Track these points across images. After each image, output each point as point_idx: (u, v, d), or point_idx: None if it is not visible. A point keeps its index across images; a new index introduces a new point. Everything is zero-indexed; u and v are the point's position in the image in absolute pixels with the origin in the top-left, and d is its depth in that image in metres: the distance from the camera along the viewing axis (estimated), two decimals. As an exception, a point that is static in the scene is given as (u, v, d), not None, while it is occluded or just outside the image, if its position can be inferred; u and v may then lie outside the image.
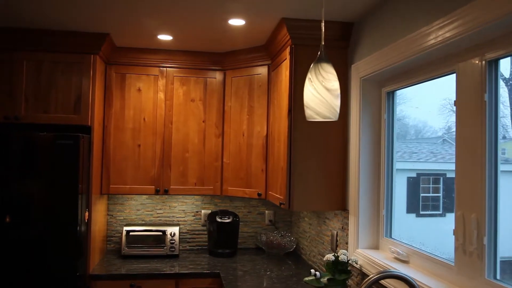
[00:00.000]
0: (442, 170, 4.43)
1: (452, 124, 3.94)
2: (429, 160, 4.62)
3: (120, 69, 3.50)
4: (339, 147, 2.78)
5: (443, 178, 4.39)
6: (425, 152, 4.52)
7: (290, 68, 2.74)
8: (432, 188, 4.57)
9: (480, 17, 1.56)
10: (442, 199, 4.34)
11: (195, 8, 2.55)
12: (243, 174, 3.46)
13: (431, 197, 4.49)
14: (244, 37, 3.09)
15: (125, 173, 3.48)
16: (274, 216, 4.00)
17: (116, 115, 3.48)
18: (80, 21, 2.86)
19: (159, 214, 3.86)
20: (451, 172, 4.33)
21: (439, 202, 4.41)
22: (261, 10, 2.55)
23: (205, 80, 3.62)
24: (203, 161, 3.59)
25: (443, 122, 3.76)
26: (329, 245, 3.01)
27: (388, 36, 2.28)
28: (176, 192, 3.55)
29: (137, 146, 3.50)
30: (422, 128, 3.91)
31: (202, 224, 3.91)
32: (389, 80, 2.46)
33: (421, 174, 4.58)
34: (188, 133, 3.58)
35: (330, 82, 1.61)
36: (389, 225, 2.53)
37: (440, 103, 2.72)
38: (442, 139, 4.49)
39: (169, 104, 3.54)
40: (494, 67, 1.70)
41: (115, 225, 3.79)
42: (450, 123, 3.86)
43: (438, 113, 2.90)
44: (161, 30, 3.01)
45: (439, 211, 4.39)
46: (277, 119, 3.07)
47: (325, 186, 2.75)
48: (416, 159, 4.57)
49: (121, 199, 3.80)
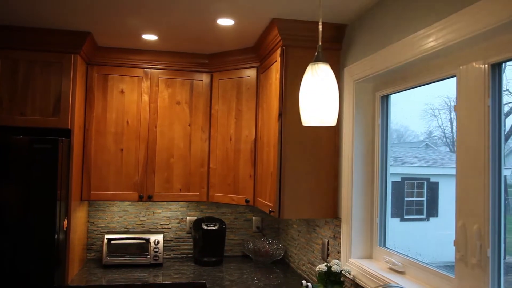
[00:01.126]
0: (426, 175, 4.42)
1: (434, 128, 3.89)
2: (413, 165, 4.61)
3: (102, 70, 3.35)
4: (330, 153, 2.69)
5: (426, 183, 4.38)
6: (409, 157, 4.50)
7: (281, 70, 2.64)
8: (416, 193, 4.56)
9: (483, 20, 1.49)
10: (425, 203, 4.33)
11: (182, 7, 2.43)
12: (231, 180, 3.34)
13: (415, 202, 4.48)
14: (233, 38, 2.98)
15: (107, 179, 3.32)
16: (261, 222, 3.89)
17: (97, 118, 3.33)
18: (60, 18, 2.71)
19: (142, 221, 3.71)
20: (435, 176, 4.28)
21: (423, 207, 4.40)
22: (251, 10, 2.44)
23: (191, 82, 3.49)
24: (189, 166, 3.46)
25: (424, 127, 3.73)
26: (319, 253, 2.91)
27: (383, 38, 2.20)
28: (160, 198, 3.41)
29: (120, 150, 3.35)
30: (404, 132, 3.89)
31: (187, 231, 3.77)
32: (384, 84, 2.37)
33: (405, 178, 4.57)
34: (173, 137, 3.45)
35: (328, 84, 1.51)
36: (382, 234, 2.44)
37: (422, 108, 2.67)
38: (424, 143, 4.47)
39: (153, 107, 3.41)
40: (497, 70, 1.63)
41: (95, 232, 3.62)
42: (431, 128, 3.85)
43: (419, 118, 2.85)
44: (146, 29, 2.88)
45: (423, 215, 4.38)
46: (266, 123, 2.97)
47: (316, 193, 2.66)
48: (400, 163, 4.55)
49: (102, 206, 3.64)
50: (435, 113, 3.49)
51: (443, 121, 3.72)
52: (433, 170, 4.37)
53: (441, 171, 4.32)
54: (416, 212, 4.47)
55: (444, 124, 3.82)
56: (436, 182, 4.26)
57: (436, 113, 3.48)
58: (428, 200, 4.32)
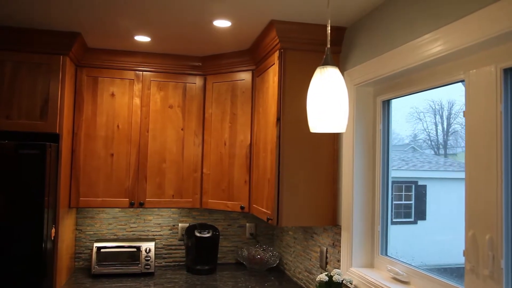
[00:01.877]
0: (414, 178, 4.42)
1: (419, 132, 3.88)
2: (401, 168, 4.61)
3: (92, 72, 3.23)
4: (329, 158, 2.62)
5: (414, 186, 4.38)
6: (397, 160, 4.51)
7: (279, 73, 2.56)
8: (404, 196, 4.55)
9: (495, 25, 1.45)
10: (414, 206, 4.33)
11: (178, 8, 2.34)
12: (225, 186, 3.25)
13: (404, 205, 4.47)
14: (229, 40, 2.90)
15: (97, 185, 3.20)
16: (255, 229, 3.80)
17: (87, 121, 3.21)
18: (48, 18, 2.59)
19: (133, 228, 3.59)
20: (423, 179, 4.27)
21: (411, 210, 4.40)
22: (250, 11, 2.36)
23: (185, 85, 3.40)
24: (182, 172, 3.36)
25: (410, 130, 3.72)
26: (317, 261, 2.84)
27: (386, 42, 2.14)
28: (152, 205, 3.30)
29: (110, 155, 3.23)
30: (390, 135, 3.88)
31: (179, 238, 3.67)
32: (386, 89, 2.31)
33: (393, 181, 4.59)
34: (166, 142, 3.34)
35: (338, 89, 1.44)
36: (384, 242, 2.38)
37: (407, 111, 2.64)
38: (410, 146, 4.46)
39: (145, 110, 3.30)
40: (510, 75, 1.57)
41: (84, 240, 3.49)
42: (416, 131, 3.83)
43: (405, 121, 2.82)
44: (138, 30, 2.78)
45: (411, 219, 4.38)
46: (262, 128, 2.89)
47: (316, 200, 2.58)
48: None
49: (91, 213, 3.51)
50: (420, 117, 3.46)
51: (428, 124, 3.70)
52: (421, 173, 4.37)
53: (428, 174, 4.31)
54: (404, 215, 4.47)
55: (429, 127, 3.79)
56: (424, 185, 4.25)
57: (421, 116, 3.45)
58: (416, 203, 4.32)
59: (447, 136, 3.87)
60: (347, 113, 1.45)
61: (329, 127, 1.44)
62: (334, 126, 1.44)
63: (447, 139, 3.90)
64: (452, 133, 3.78)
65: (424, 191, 4.31)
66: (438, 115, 3.70)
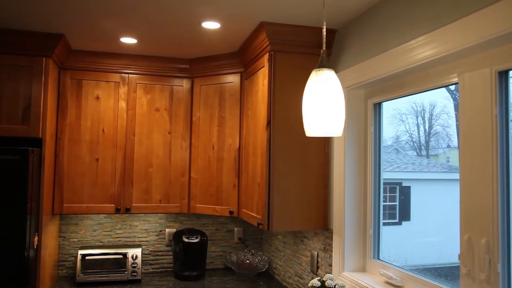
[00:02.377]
0: (398, 179, 4.45)
1: (401, 133, 3.88)
2: (386, 169, 4.65)
3: (76, 75, 3.15)
4: (320, 162, 2.59)
5: (399, 187, 4.41)
6: (382, 162, 4.55)
7: (269, 76, 2.53)
8: (389, 197, 4.59)
9: (490, 27, 1.44)
10: (398, 207, 4.36)
11: (165, 9, 2.29)
12: (213, 190, 3.20)
13: (388, 206, 4.50)
14: (217, 42, 2.85)
15: (81, 191, 3.12)
16: (243, 233, 3.75)
17: (71, 126, 3.12)
18: (30, 19, 2.51)
19: (118, 234, 3.50)
20: (407, 181, 4.30)
21: (395, 211, 4.44)
22: (239, 13, 2.32)
23: (171, 88, 3.34)
24: (169, 176, 3.29)
25: (392, 132, 3.75)
26: (307, 266, 2.81)
27: (379, 44, 2.12)
28: (139, 210, 3.23)
29: (95, 160, 3.15)
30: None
31: (166, 244, 3.60)
32: (378, 91, 2.30)
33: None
34: (152, 146, 3.27)
35: (334, 92, 1.41)
36: (376, 246, 2.36)
37: (390, 113, 2.65)
38: (393, 148, 4.50)
39: (131, 114, 3.23)
40: (504, 78, 1.57)
41: (68, 248, 3.40)
42: (399, 133, 3.86)
43: (388, 123, 2.83)
44: (124, 32, 2.71)
45: (396, 220, 4.41)
46: (252, 132, 2.85)
47: (307, 205, 2.55)
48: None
49: (75, 219, 3.42)
50: (403, 118, 3.48)
51: (410, 125, 3.72)
52: (405, 174, 4.40)
53: (412, 175, 4.35)
54: (389, 216, 4.50)
55: (411, 129, 3.82)
56: (408, 186, 4.28)
57: (403, 118, 3.46)
58: (401, 204, 4.36)
59: (429, 137, 3.90)
60: (344, 116, 1.42)
61: (326, 131, 1.40)
62: (331, 130, 1.41)
63: (429, 140, 3.93)
64: (433, 134, 3.81)
65: (408, 192, 4.33)
66: (420, 117, 3.73)
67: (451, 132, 3.52)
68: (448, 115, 3.21)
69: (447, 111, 3.19)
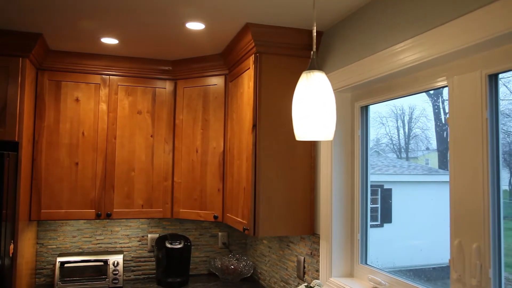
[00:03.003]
0: (379, 182, 4.47)
1: (382, 136, 3.91)
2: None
3: (54, 76, 3.04)
4: (306, 166, 2.55)
5: (380, 190, 4.43)
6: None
7: (255, 78, 2.48)
8: (371, 200, 4.61)
9: (480, 30, 1.43)
10: (380, 210, 4.38)
11: (147, 9, 2.22)
12: (197, 195, 3.13)
13: (371, 209, 4.53)
14: (202, 43, 2.79)
15: (60, 196, 3.01)
16: (228, 238, 3.69)
17: (49, 128, 3.01)
18: (6, 17, 2.41)
19: (99, 240, 3.40)
20: (388, 183, 4.33)
21: (377, 213, 4.45)
22: (224, 13, 2.27)
23: (154, 90, 3.26)
24: (151, 181, 3.21)
25: (373, 135, 3.78)
26: (294, 271, 2.76)
27: (366, 47, 2.10)
28: (120, 216, 3.13)
29: (75, 164, 3.05)
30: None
31: (148, 250, 3.51)
32: (365, 94, 2.28)
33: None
34: (134, 149, 3.19)
35: (325, 95, 1.37)
36: (364, 250, 2.33)
37: (371, 116, 2.66)
38: (373, 150, 4.53)
39: (112, 116, 3.14)
40: (494, 81, 1.55)
41: (46, 255, 3.28)
42: (379, 135, 3.88)
43: (369, 126, 2.83)
44: (105, 32, 2.63)
45: (378, 222, 4.43)
46: (236, 135, 2.80)
47: (293, 209, 2.51)
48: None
49: (53, 225, 3.30)
50: (383, 121, 3.49)
51: (390, 128, 3.74)
52: (386, 177, 4.42)
53: (394, 178, 4.37)
54: (371, 218, 4.52)
55: (391, 132, 3.84)
56: (389, 189, 4.30)
57: (384, 121, 3.47)
58: (382, 206, 4.38)
59: (408, 140, 3.92)
60: (335, 120, 1.39)
61: (316, 135, 1.36)
62: (322, 134, 1.36)
63: (408, 143, 3.96)
64: (413, 137, 3.84)
65: (389, 194, 4.35)
66: (400, 120, 3.75)
67: (430, 135, 3.55)
68: (427, 118, 3.23)
69: (426, 114, 3.21)
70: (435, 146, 3.30)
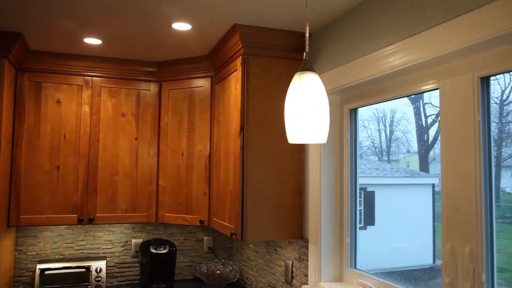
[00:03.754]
0: (362, 185, 4.49)
1: (364, 139, 3.94)
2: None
3: (35, 77, 2.95)
4: (294, 169, 2.52)
5: (363, 192, 4.44)
6: None
7: (242, 80, 2.44)
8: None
9: (472, 34, 1.42)
10: (363, 212, 4.40)
11: (132, 9, 2.16)
12: (183, 199, 3.07)
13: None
14: (188, 44, 2.74)
15: (40, 201, 2.91)
16: (213, 242, 3.63)
17: (29, 131, 2.91)
18: (-15, 16, 2.32)
19: (81, 246, 3.30)
20: (371, 186, 4.35)
21: (360, 216, 4.47)
22: (211, 14, 2.23)
23: (138, 92, 3.19)
24: (136, 185, 3.14)
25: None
26: (282, 276, 2.72)
27: (355, 49, 2.08)
28: (103, 221, 3.05)
29: (56, 168, 2.95)
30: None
31: (132, 255, 3.43)
32: (354, 97, 2.26)
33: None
34: (118, 153, 3.11)
35: (318, 97, 1.34)
36: (353, 255, 2.31)
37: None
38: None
39: (95, 118, 3.06)
40: (486, 84, 1.55)
41: (25, 262, 3.17)
42: (361, 138, 3.91)
43: None
44: (88, 32, 2.56)
45: (361, 224, 4.45)
46: (223, 138, 2.75)
47: (281, 213, 2.47)
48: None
49: (33, 231, 3.20)
50: (365, 124, 3.51)
51: (372, 131, 3.76)
52: (369, 179, 4.44)
53: (376, 180, 4.39)
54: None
55: (373, 135, 3.86)
56: (372, 191, 4.31)
57: (366, 124, 3.49)
58: (365, 209, 4.39)
59: (389, 143, 3.95)
60: (328, 122, 1.36)
61: (310, 138, 1.33)
62: (315, 137, 1.33)
63: (389, 146, 3.98)
64: (394, 140, 3.87)
65: (372, 197, 4.37)
66: (381, 123, 3.77)
67: (410, 138, 3.58)
68: (407, 121, 3.27)
69: (407, 118, 3.24)
70: (416, 148, 3.32)
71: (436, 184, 2.93)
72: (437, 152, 2.66)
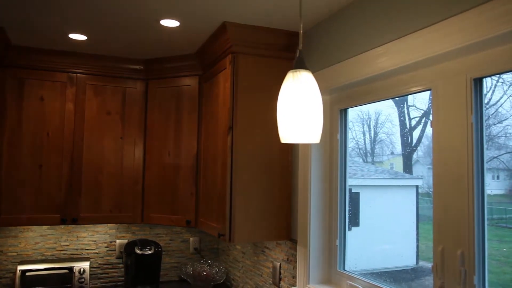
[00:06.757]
0: (348, 186, 4.50)
1: (348, 140, 4.00)
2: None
3: (17, 73, 2.86)
4: (283, 169, 2.49)
5: (349, 193, 4.45)
6: None
7: (231, 79, 2.40)
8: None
9: (464, 35, 1.41)
10: (348, 214, 4.42)
11: (118, 3, 2.10)
12: (169, 199, 3.01)
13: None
14: (176, 41, 2.69)
15: (22, 200, 2.83)
16: (199, 243, 3.59)
17: (10, 129, 2.83)
18: (-35, 9, 2.23)
19: (64, 247, 3.22)
20: (356, 187, 4.38)
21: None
22: (200, 11, 2.18)
23: (124, 90, 3.12)
24: (121, 184, 3.07)
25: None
26: (269, 278, 2.69)
27: (346, 49, 2.06)
28: (87, 221, 2.98)
29: (38, 167, 2.87)
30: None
31: (116, 256, 3.36)
32: (345, 97, 2.24)
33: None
34: (103, 152, 3.04)
35: (312, 95, 1.31)
36: (342, 256, 2.29)
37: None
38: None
39: (79, 117, 2.98)
40: (479, 85, 1.54)
41: (5, 263, 3.07)
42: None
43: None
44: (72, 27, 2.49)
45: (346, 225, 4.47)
46: (211, 137, 2.71)
47: (269, 214, 2.44)
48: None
49: (14, 231, 3.11)
50: (349, 126, 3.53)
51: (356, 133, 3.77)
52: (354, 181, 4.45)
53: (361, 182, 4.40)
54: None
55: (357, 136, 3.87)
56: (357, 192, 4.32)
57: (350, 125, 3.52)
58: (350, 210, 4.42)
59: (374, 144, 3.97)
60: (322, 121, 1.33)
61: (303, 138, 1.30)
62: (308, 136, 1.30)
63: (374, 147, 4.00)
64: (378, 141, 3.88)
65: (357, 198, 4.37)
66: (366, 125, 3.78)
67: (394, 140, 3.59)
68: (392, 123, 3.27)
69: (391, 120, 3.25)
70: (400, 150, 3.33)
71: (420, 185, 2.94)
72: (420, 154, 2.67)
